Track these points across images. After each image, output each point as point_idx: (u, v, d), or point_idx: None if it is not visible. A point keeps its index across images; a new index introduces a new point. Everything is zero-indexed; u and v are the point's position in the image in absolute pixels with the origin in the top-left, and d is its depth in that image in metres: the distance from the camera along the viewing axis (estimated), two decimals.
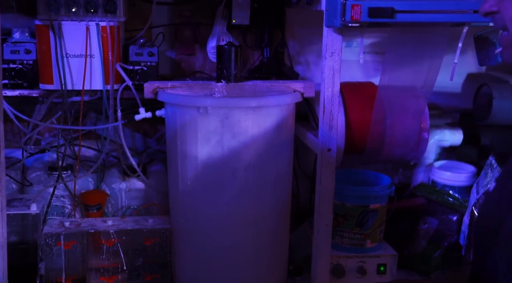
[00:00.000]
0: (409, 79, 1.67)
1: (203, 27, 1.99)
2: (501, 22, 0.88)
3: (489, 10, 0.89)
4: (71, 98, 1.76)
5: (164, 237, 1.71)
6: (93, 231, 1.67)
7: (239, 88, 1.69)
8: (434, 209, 1.89)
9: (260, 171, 1.59)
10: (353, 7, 1.35)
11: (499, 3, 0.87)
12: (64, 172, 1.81)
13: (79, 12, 1.66)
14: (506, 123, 1.83)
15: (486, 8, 0.89)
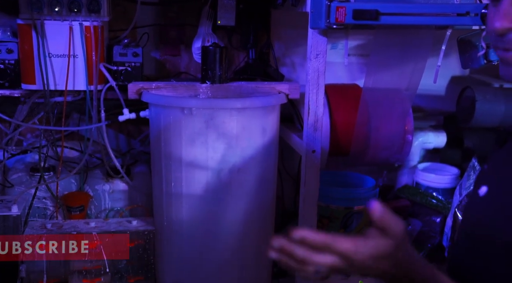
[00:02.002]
0: (394, 82, 1.68)
1: (188, 27, 1.98)
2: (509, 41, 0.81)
3: (502, 27, 0.80)
4: (54, 98, 1.74)
5: (147, 239, 1.69)
6: (75, 233, 1.65)
7: (224, 89, 1.69)
8: (418, 211, 1.90)
9: (245, 172, 1.59)
10: (338, 9, 1.35)
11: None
12: (46, 173, 1.78)
13: (62, 11, 1.64)
14: (488, 125, 1.84)
15: (506, 24, 0.80)
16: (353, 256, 0.77)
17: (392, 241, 0.78)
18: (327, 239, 0.77)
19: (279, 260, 0.81)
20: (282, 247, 0.79)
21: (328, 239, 0.77)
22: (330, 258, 0.77)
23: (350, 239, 0.78)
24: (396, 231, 0.78)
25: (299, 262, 0.78)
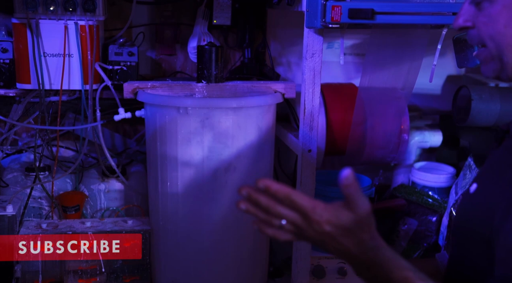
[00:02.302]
0: (390, 81, 1.68)
1: (184, 27, 1.98)
2: (476, 38, 0.87)
3: (463, 25, 0.88)
4: (49, 98, 1.74)
5: (143, 240, 1.69)
6: (71, 233, 1.65)
7: (220, 88, 1.68)
8: (414, 210, 1.90)
9: (241, 171, 1.58)
10: (333, 8, 1.35)
11: (474, 17, 0.86)
12: (42, 173, 1.78)
13: (57, 10, 1.63)
14: (484, 124, 1.84)
15: (460, 23, 0.88)
16: (311, 214, 0.80)
17: (353, 215, 0.80)
18: (288, 191, 0.81)
19: (247, 210, 0.85)
20: (249, 196, 0.84)
21: (290, 192, 0.81)
22: (290, 212, 0.81)
23: (311, 198, 0.83)
24: (361, 208, 0.81)
25: (264, 212, 0.83)
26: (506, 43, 0.82)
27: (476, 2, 0.84)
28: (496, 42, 0.83)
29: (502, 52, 0.83)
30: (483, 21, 0.84)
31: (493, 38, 0.83)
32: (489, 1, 0.82)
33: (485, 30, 0.84)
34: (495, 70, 0.87)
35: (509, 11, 0.80)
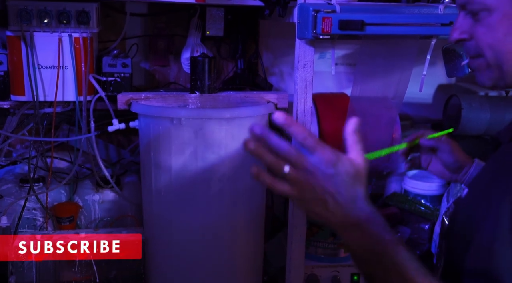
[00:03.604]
0: (380, 90, 1.70)
1: (177, 38, 2.00)
2: (473, 49, 0.87)
3: (460, 37, 0.88)
4: (43, 109, 1.75)
5: None
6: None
7: (213, 99, 1.70)
8: (406, 218, 1.92)
9: (234, 181, 1.60)
10: (324, 19, 1.38)
11: (471, 29, 0.86)
12: (36, 184, 1.78)
13: (52, 23, 1.65)
14: (474, 133, 1.87)
15: (456, 36, 0.88)
16: (320, 152, 0.76)
17: (357, 163, 0.78)
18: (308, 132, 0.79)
19: (255, 150, 0.80)
20: (260, 135, 0.79)
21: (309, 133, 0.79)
22: (298, 155, 0.78)
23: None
24: (360, 159, 0.78)
25: (270, 156, 0.78)
26: (506, 51, 0.83)
27: (474, 13, 0.85)
28: (495, 50, 0.84)
29: (502, 60, 0.84)
30: (482, 31, 0.84)
31: (492, 47, 0.84)
32: (487, 10, 0.83)
33: (484, 39, 0.84)
34: (492, 78, 0.87)
35: (509, 20, 0.81)
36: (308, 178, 0.77)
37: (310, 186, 0.78)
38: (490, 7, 0.82)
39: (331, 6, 1.42)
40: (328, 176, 0.77)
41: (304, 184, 0.78)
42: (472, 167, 1.19)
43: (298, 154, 0.77)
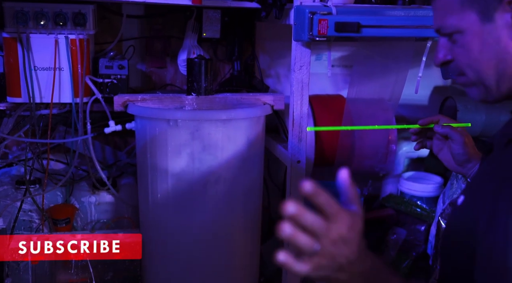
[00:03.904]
0: (376, 92, 1.71)
1: (174, 40, 2.00)
2: (457, 69, 0.90)
3: (444, 59, 0.91)
4: (40, 111, 1.74)
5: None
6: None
7: (209, 101, 1.70)
8: (402, 219, 1.92)
9: (231, 183, 1.60)
10: (320, 21, 1.38)
11: (451, 51, 0.89)
12: (32, 186, 1.78)
13: (48, 25, 1.65)
14: (470, 134, 1.87)
15: (441, 58, 0.91)
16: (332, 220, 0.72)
17: (359, 216, 0.75)
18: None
19: (292, 237, 0.74)
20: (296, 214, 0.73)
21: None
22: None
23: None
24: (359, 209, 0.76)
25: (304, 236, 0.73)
26: (483, 68, 0.85)
27: (448, 37, 0.88)
28: (473, 69, 0.86)
29: (482, 77, 0.86)
30: (459, 52, 0.87)
31: (471, 66, 0.86)
32: (459, 32, 0.85)
33: (461, 60, 0.87)
34: (480, 94, 0.89)
35: (479, 37, 0.84)
36: (333, 250, 0.75)
37: (334, 258, 0.75)
38: (461, 29, 0.85)
39: (327, 8, 1.43)
40: (347, 241, 0.75)
41: (330, 258, 0.75)
42: (478, 164, 1.18)
43: (327, 228, 0.74)
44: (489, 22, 0.83)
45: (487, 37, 0.83)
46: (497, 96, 0.87)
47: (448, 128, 1.18)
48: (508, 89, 0.86)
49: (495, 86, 0.86)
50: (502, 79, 0.85)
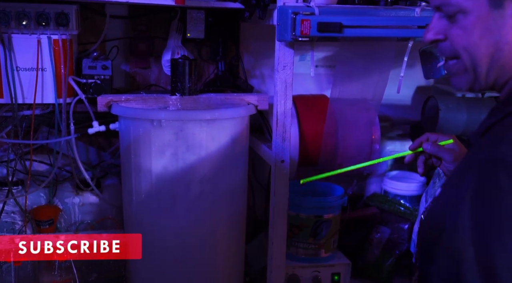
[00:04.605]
0: (359, 92, 1.72)
1: (158, 40, 1.99)
2: (449, 50, 0.87)
3: (435, 38, 0.88)
4: (22, 112, 1.73)
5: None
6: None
7: (194, 101, 1.70)
8: (386, 218, 1.94)
9: (215, 183, 1.60)
10: (303, 22, 1.39)
11: (446, 30, 0.86)
12: (15, 187, 1.77)
13: (30, 25, 1.64)
14: (452, 133, 1.89)
15: (431, 36, 0.88)
16: None
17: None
18: None
19: None
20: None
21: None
22: None
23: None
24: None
25: None
26: (481, 53, 0.83)
27: (449, 15, 0.85)
28: (470, 53, 0.84)
29: (476, 62, 0.84)
30: (457, 33, 0.84)
31: (468, 49, 0.84)
32: (463, 13, 0.83)
33: (459, 41, 0.85)
34: (468, 82, 0.88)
35: (484, 22, 0.82)
36: None
37: None
38: (466, 10, 0.83)
39: (310, 9, 1.44)
40: None
41: None
42: None
43: None
44: (497, 8, 0.81)
45: (492, 23, 0.81)
46: (483, 85, 0.87)
47: (436, 148, 1.18)
48: (495, 79, 0.86)
49: (484, 74, 0.85)
50: (492, 68, 0.84)
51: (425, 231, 0.91)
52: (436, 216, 0.85)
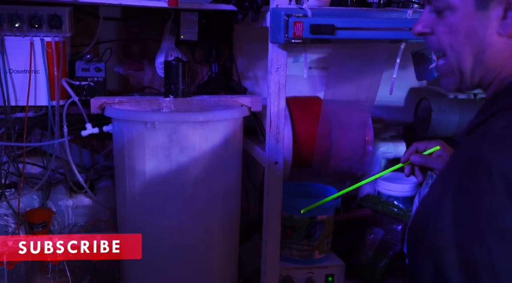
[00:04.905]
0: (352, 93, 1.73)
1: (151, 42, 1.99)
2: (435, 44, 0.88)
3: (422, 31, 0.89)
4: (15, 114, 1.73)
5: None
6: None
7: (187, 103, 1.71)
8: (380, 219, 1.95)
9: (209, 185, 1.60)
10: (296, 24, 1.40)
11: (434, 24, 0.87)
12: (8, 190, 1.76)
13: (23, 27, 1.63)
14: (444, 135, 1.91)
15: (419, 29, 0.89)
16: None
17: None
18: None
19: None
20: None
21: None
22: None
23: None
24: None
25: None
26: (466, 52, 0.84)
27: (438, 11, 0.86)
28: (455, 51, 0.85)
29: (461, 61, 0.85)
30: (443, 30, 0.85)
31: (453, 47, 0.85)
32: (450, 9, 0.84)
33: (445, 39, 0.86)
34: (455, 83, 0.89)
35: (469, 21, 0.83)
36: None
37: None
38: (454, 6, 0.84)
39: (302, 11, 1.44)
40: None
41: None
42: None
43: None
44: (483, 9, 0.82)
45: (477, 23, 0.82)
46: (469, 84, 0.88)
47: (424, 159, 1.18)
48: (480, 79, 0.87)
49: (469, 74, 0.86)
50: (477, 68, 0.85)
51: (412, 231, 0.92)
52: (422, 216, 0.86)
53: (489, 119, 0.80)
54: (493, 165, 0.72)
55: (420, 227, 0.83)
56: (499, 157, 0.73)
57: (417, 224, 0.88)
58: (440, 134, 1.90)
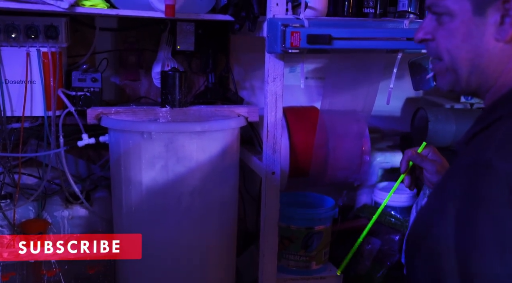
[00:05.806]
0: (349, 103, 1.73)
1: (147, 53, 1.99)
2: (434, 50, 0.90)
3: (423, 37, 0.91)
4: (11, 124, 1.72)
5: (108, 265, 1.67)
6: (33, 261, 1.62)
7: (184, 113, 1.70)
8: (377, 229, 1.94)
9: (205, 195, 1.59)
10: (293, 34, 1.40)
11: (434, 31, 0.90)
12: (3, 200, 1.75)
13: (19, 37, 1.63)
14: (441, 144, 1.91)
15: (421, 35, 0.92)
16: None
17: None
18: None
19: None
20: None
21: None
22: None
23: None
24: None
25: None
26: (462, 57, 0.86)
27: (437, 16, 0.88)
28: (452, 55, 0.87)
29: (457, 65, 0.87)
30: (442, 35, 0.88)
31: (450, 51, 0.87)
32: (449, 15, 0.86)
33: (443, 43, 0.88)
34: (450, 82, 0.90)
35: (467, 27, 0.84)
36: None
37: None
38: (452, 12, 0.86)
39: (299, 21, 1.45)
40: None
41: None
42: None
43: None
44: (480, 15, 0.83)
45: (474, 29, 0.84)
46: (465, 87, 0.89)
47: (420, 158, 1.19)
48: (477, 84, 0.88)
49: (466, 77, 0.87)
50: (473, 73, 0.86)
51: (410, 239, 0.91)
52: (420, 224, 0.86)
53: (491, 126, 0.80)
54: (499, 170, 0.72)
55: (418, 235, 0.83)
56: (505, 163, 0.73)
57: (415, 232, 0.88)
58: (437, 143, 1.90)
